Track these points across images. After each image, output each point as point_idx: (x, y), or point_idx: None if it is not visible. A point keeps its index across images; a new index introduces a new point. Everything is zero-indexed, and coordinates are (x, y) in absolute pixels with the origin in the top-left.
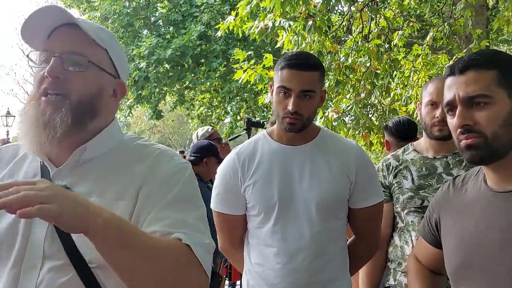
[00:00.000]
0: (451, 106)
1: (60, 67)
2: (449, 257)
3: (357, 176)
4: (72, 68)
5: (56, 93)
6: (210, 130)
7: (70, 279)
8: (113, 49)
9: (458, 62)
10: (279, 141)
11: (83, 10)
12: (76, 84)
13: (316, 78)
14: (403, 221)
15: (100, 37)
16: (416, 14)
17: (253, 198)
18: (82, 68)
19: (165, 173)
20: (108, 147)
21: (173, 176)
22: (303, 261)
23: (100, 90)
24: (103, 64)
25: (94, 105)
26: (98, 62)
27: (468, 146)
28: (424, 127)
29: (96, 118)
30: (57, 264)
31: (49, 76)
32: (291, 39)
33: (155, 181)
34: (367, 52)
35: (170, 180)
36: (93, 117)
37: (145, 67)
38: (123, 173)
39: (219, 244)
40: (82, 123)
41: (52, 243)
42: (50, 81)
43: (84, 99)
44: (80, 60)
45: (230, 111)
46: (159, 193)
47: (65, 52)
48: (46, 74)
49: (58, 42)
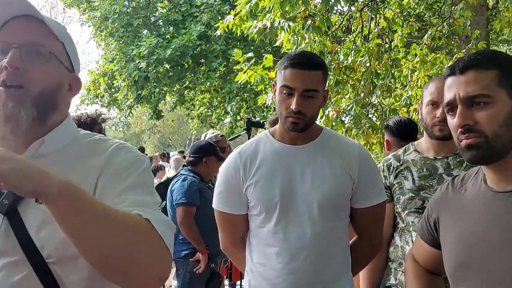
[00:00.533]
0: (451, 106)
1: (19, 58)
2: (448, 257)
3: (359, 175)
4: (33, 59)
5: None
6: (219, 136)
7: (26, 276)
8: (69, 43)
9: (459, 62)
10: (281, 141)
11: (83, 10)
12: (36, 75)
13: (319, 78)
14: (404, 221)
15: (59, 31)
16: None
17: (254, 198)
18: (43, 60)
19: (122, 163)
20: (64, 142)
21: (129, 167)
22: (305, 261)
23: (59, 84)
24: (61, 58)
25: (55, 98)
26: (58, 55)
27: (469, 146)
28: (425, 127)
29: (56, 112)
30: (11, 260)
31: (9, 67)
32: (290, 39)
33: (112, 171)
34: (367, 52)
35: (126, 170)
36: (54, 110)
37: (145, 67)
38: (80, 166)
39: (221, 243)
40: (45, 116)
41: (7, 238)
42: (10, 72)
43: (46, 92)
44: (41, 51)
45: (230, 111)
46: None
47: (25, 43)
48: (5, 64)
49: (17, 33)
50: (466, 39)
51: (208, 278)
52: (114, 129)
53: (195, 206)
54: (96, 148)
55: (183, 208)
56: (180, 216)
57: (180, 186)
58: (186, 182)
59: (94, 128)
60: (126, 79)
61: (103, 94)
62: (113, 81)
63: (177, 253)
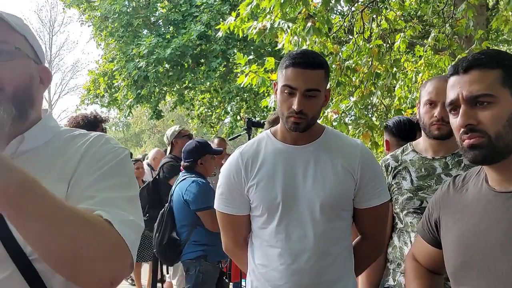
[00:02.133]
0: (454, 106)
1: None
2: (449, 257)
3: (362, 175)
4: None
5: None
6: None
7: (10, 275)
8: (30, 35)
9: (462, 62)
10: (283, 141)
11: (83, 9)
12: (8, 74)
13: (321, 77)
14: (402, 222)
15: (18, 24)
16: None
17: (256, 198)
18: (10, 57)
19: (98, 153)
20: (45, 138)
21: (104, 157)
22: (307, 261)
23: (31, 78)
24: (27, 51)
25: (30, 93)
26: (24, 50)
27: (471, 146)
28: (423, 127)
29: (34, 107)
30: None
31: None
32: (291, 40)
33: (87, 160)
34: (368, 53)
35: (101, 160)
36: (32, 106)
37: (144, 67)
38: (60, 158)
39: (223, 244)
40: (25, 114)
41: None
42: None
43: (20, 88)
44: (6, 48)
45: (230, 111)
46: (88, 171)
47: None
48: None
49: None
50: (467, 39)
51: (217, 278)
52: (114, 129)
53: None
54: (76, 141)
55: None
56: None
57: (197, 190)
58: (200, 185)
59: (98, 127)
60: (126, 79)
61: (103, 94)
62: (113, 80)
63: (189, 254)
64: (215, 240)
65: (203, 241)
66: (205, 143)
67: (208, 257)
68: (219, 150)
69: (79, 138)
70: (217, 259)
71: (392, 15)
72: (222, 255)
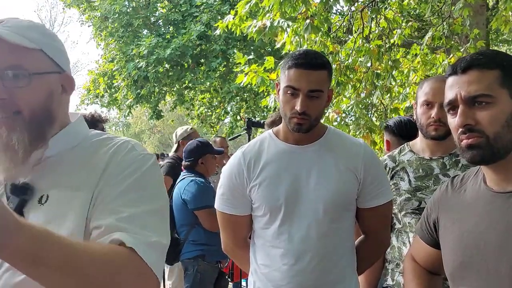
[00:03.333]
0: (452, 106)
1: (1, 87)
2: (447, 258)
3: (365, 175)
4: (15, 84)
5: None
6: (189, 129)
7: None
8: (48, 45)
9: (461, 62)
10: (285, 141)
11: (83, 10)
12: (24, 98)
13: (324, 78)
14: (400, 222)
15: (31, 38)
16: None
17: (259, 199)
18: (26, 82)
19: (122, 163)
20: (72, 143)
21: (129, 166)
22: (310, 262)
23: (50, 94)
24: (44, 67)
25: (49, 111)
26: (39, 68)
27: (469, 146)
28: (420, 127)
29: (54, 123)
30: None
31: None
32: (293, 40)
33: (112, 170)
34: (368, 53)
35: (126, 170)
36: (52, 124)
37: (144, 67)
38: (84, 164)
39: (223, 244)
40: (43, 134)
41: None
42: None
43: (37, 110)
44: (20, 73)
45: (230, 111)
46: (114, 182)
47: (1, 69)
48: None
49: None
50: (466, 39)
51: (216, 278)
52: (114, 129)
53: None
54: (102, 146)
55: (210, 211)
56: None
57: (195, 189)
58: (199, 184)
59: (98, 127)
60: (125, 79)
61: (102, 94)
62: (113, 80)
63: (187, 254)
64: (213, 240)
65: (202, 241)
66: (207, 143)
67: (206, 257)
68: (220, 150)
69: (104, 143)
70: (216, 259)
71: (391, 14)
72: (220, 255)
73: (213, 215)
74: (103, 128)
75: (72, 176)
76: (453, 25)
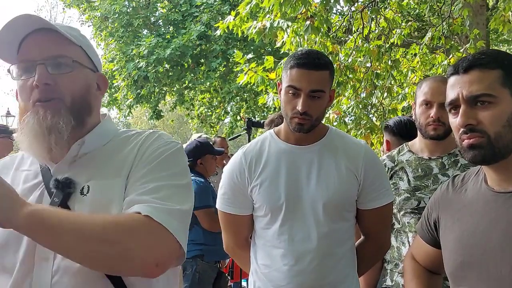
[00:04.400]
0: (454, 105)
1: (47, 74)
2: (448, 257)
3: (365, 177)
4: (59, 71)
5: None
6: (203, 136)
7: None
8: (86, 45)
9: (462, 61)
10: (286, 141)
11: (83, 10)
12: (67, 86)
13: (326, 78)
14: (400, 222)
15: (73, 35)
16: (415, 14)
17: (260, 199)
18: (69, 69)
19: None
20: (105, 140)
21: (157, 150)
22: (311, 262)
23: (88, 87)
24: (84, 61)
25: (88, 102)
26: (81, 60)
27: (471, 145)
28: (419, 127)
29: (92, 113)
30: None
31: (39, 85)
32: (293, 41)
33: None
34: (368, 53)
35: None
36: (90, 113)
37: (144, 67)
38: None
39: (224, 244)
40: (82, 121)
41: None
42: (41, 89)
43: (77, 99)
44: (65, 61)
45: (230, 111)
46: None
47: (47, 57)
48: (35, 83)
49: (37, 49)
50: (466, 39)
51: (215, 278)
52: None
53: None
54: (133, 139)
55: (209, 211)
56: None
57: (194, 189)
58: (198, 184)
59: None
60: (125, 79)
61: None
62: (113, 81)
63: (186, 254)
64: (212, 240)
65: (200, 241)
66: (207, 143)
67: (205, 257)
68: (220, 150)
69: (134, 137)
70: (214, 258)
71: (390, 14)
72: (219, 255)
73: (213, 215)
74: None
75: (107, 167)
76: (453, 25)
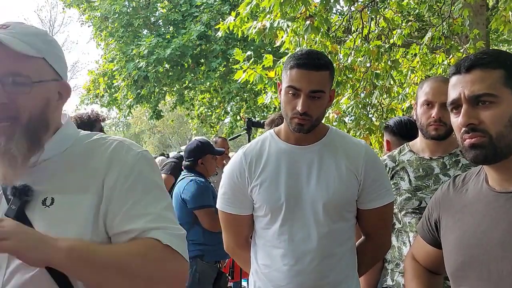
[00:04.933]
0: (455, 105)
1: (3, 92)
2: (449, 257)
3: (365, 177)
4: (16, 89)
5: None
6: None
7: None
8: (50, 53)
9: (464, 61)
10: (286, 141)
11: (83, 10)
12: (24, 104)
13: (326, 78)
14: (400, 222)
15: (35, 46)
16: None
17: (260, 199)
18: (27, 88)
19: (126, 164)
20: (65, 145)
21: (134, 168)
22: (311, 262)
23: (47, 102)
24: (45, 76)
25: (45, 118)
26: (40, 77)
27: (472, 145)
28: (420, 127)
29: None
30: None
31: None
32: (292, 40)
33: (117, 173)
34: (367, 53)
35: (132, 172)
36: (46, 129)
37: (144, 67)
38: (82, 167)
39: (225, 244)
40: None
41: None
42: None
43: (34, 117)
44: (22, 80)
45: (230, 111)
46: (124, 187)
47: (3, 75)
48: None
49: None
50: (466, 39)
51: (215, 278)
52: (114, 129)
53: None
54: (96, 148)
55: (209, 211)
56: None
57: (195, 189)
58: (199, 184)
59: (96, 127)
60: (125, 79)
61: (102, 94)
62: (113, 80)
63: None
64: (212, 240)
65: (200, 241)
66: (207, 143)
67: (205, 257)
68: (220, 150)
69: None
70: (214, 258)
71: (390, 14)
72: (219, 255)
73: (213, 214)
74: (101, 128)
75: (73, 179)
76: (453, 25)
